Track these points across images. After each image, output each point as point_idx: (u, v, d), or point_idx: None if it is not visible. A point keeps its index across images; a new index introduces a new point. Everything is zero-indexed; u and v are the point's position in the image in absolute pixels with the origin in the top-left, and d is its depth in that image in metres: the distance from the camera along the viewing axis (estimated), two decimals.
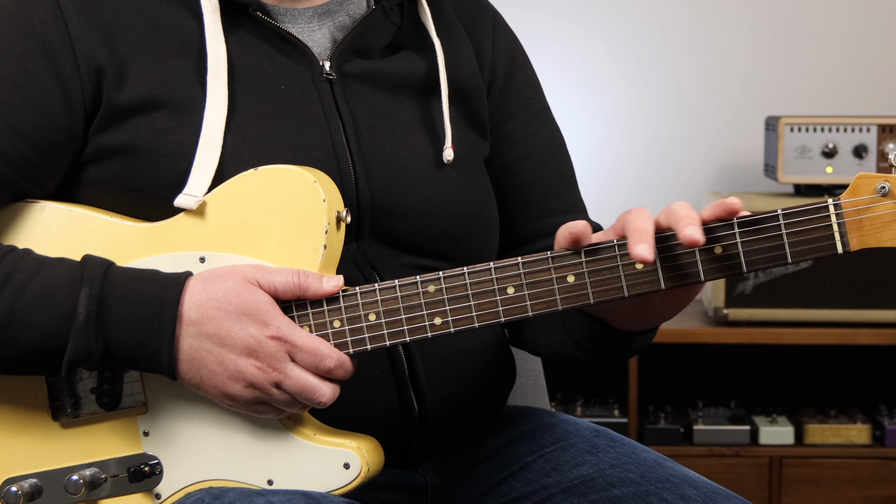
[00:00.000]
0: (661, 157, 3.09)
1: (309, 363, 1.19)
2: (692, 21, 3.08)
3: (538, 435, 1.42)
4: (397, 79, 1.37)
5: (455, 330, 1.20)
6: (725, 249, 1.16)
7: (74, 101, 1.27)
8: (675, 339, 2.68)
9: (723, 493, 1.30)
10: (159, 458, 1.26)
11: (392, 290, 1.21)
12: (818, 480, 2.68)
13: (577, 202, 1.49)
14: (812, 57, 3.08)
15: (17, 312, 1.20)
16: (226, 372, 1.19)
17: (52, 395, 1.27)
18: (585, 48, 3.09)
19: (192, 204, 1.24)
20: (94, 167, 1.29)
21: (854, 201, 1.14)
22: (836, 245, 1.14)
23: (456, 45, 1.43)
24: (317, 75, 1.33)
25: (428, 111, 1.39)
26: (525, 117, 1.47)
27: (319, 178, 1.23)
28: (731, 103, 3.08)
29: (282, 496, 1.20)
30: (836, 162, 2.69)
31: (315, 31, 1.36)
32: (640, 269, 1.17)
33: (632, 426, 2.70)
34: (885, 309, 2.65)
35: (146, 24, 1.29)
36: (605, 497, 1.32)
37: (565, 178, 1.49)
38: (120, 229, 1.26)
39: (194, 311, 1.19)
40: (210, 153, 1.25)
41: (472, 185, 1.39)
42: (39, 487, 1.27)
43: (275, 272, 1.20)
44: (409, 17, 1.42)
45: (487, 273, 1.20)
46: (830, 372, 2.97)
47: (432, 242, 1.34)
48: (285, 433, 1.23)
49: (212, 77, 1.28)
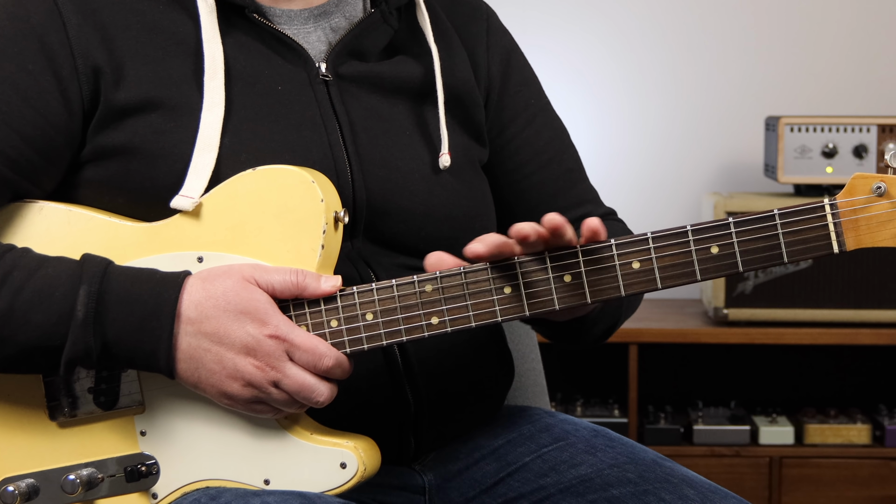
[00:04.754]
0: (661, 157, 3.09)
1: (307, 362, 1.19)
2: (692, 21, 3.08)
3: (536, 435, 1.42)
4: (393, 82, 1.38)
5: (452, 330, 1.21)
6: (722, 249, 1.16)
7: (73, 100, 1.27)
8: (675, 339, 2.69)
9: (721, 493, 1.30)
10: (156, 458, 1.26)
11: (389, 290, 1.21)
12: (818, 480, 2.67)
13: (587, 194, 1.49)
14: (812, 57, 3.08)
15: (15, 310, 1.20)
16: (224, 371, 1.19)
17: (49, 395, 1.27)
18: (585, 48, 3.09)
19: (189, 205, 1.24)
20: (91, 167, 1.29)
21: (850, 201, 1.14)
22: (832, 245, 1.15)
23: (452, 51, 1.43)
24: (313, 77, 1.34)
25: (423, 115, 1.39)
26: (526, 119, 1.47)
27: (317, 179, 1.23)
28: (730, 103, 3.08)
29: (277, 496, 1.20)
30: (836, 162, 2.69)
31: (310, 33, 1.37)
32: (636, 268, 1.18)
33: (632, 426, 2.70)
34: (885, 309, 2.65)
35: (143, 26, 1.30)
36: (603, 497, 1.32)
37: (572, 173, 1.49)
38: (118, 229, 1.26)
39: (193, 310, 1.19)
40: (207, 154, 1.26)
41: (467, 189, 1.39)
42: (36, 487, 1.27)
43: (273, 271, 1.21)
44: (406, 21, 1.42)
45: (484, 273, 1.20)
46: (830, 372, 2.97)
47: (427, 244, 1.34)
48: (282, 433, 1.23)
49: (208, 78, 1.28)
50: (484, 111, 1.45)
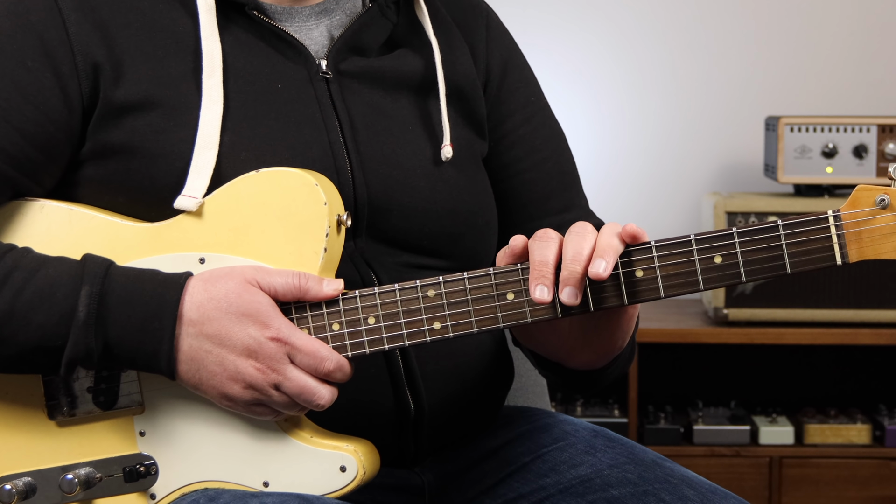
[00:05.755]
0: (661, 157, 3.09)
1: (308, 365, 1.19)
2: (692, 21, 3.07)
3: (536, 435, 1.42)
4: (394, 77, 1.37)
5: (454, 335, 1.20)
6: (725, 259, 1.16)
7: (72, 98, 1.27)
8: (675, 339, 2.69)
9: (721, 493, 1.30)
10: (155, 459, 1.26)
11: (392, 295, 1.21)
12: (818, 480, 2.68)
13: (577, 199, 1.49)
14: (812, 57, 3.08)
15: (16, 311, 1.20)
16: (225, 372, 1.19)
17: (48, 394, 1.27)
18: (585, 48, 3.08)
19: (192, 206, 1.24)
20: (91, 166, 1.29)
21: (854, 213, 1.15)
22: (835, 256, 1.15)
23: (452, 44, 1.43)
24: (313, 74, 1.33)
25: (425, 109, 1.39)
26: (523, 116, 1.47)
27: (321, 181, 1.23)
28: (730, 103, 3.08)
29: (276, 498, 1.19)
30: (836, 162, 2.69)
31: (313, 29, 1.36)
32: (639, 277, 1.17)
33: (632, 426, 2.70)
34: (885, 309, 2.65)
35: (143, 24, 1.29)
36: (602, 497, 1.32)
37: (565, 176, 1.48)
38: (120, 229, 1.26)
39: (195, 312, 1.19)
40: (207, 153, 1.25)
41: (469, 183, 1.39)
42: (34, 486, 1.27)
43: (275, 274, 1.20)
44: (405, 14, 1.42)
45: (487, 279, 1.20)
46: (830, 372, 2.97)
47: (430, 241, 1.34)
48: (282, 435, 1.23)
49: (207, 76, 1.28)
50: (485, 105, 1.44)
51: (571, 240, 1.16)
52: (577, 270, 1.14)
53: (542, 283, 1.14)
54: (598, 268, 1.13)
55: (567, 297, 1.14)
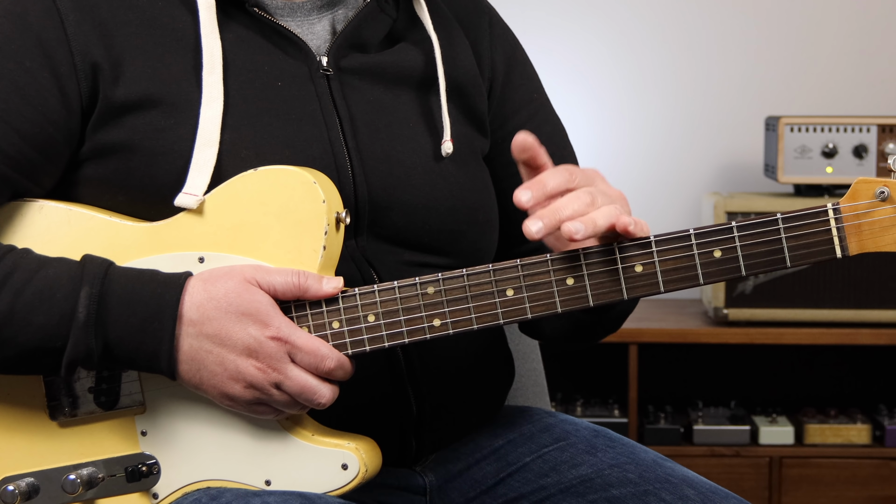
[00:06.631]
0: (661, 157, 3.09)
1: (309, 364, 1.19)
2: (692, 21, 3.07)
3: (537, 435, 1.42)
4: (395, 72, 1.37)
5: (454, 332, 1.21)
6: (725, 253, 1.16)
7: (71, 98, 1.27)
8: (675, 339, 2.69)
9: (721, 493, 1.30)
10: (157, 458, 1.26)
11: (391, 292, 1.21)
12: (818, 480, 2.67)
13: None
14: (812, 57, 3.08)
15: (16, 312, 1.20)
16: (225, 372, 1.19)
17: (49, 395, 1.27)
18: (585, 48, 3.08)
19: (193, 203, 1.23)
20: (91, 165, 1.28)
21: (853, 206, 1.15)
22: (835, 249, 1.15)
23: (452, 40, 1.43)
24: (314, 71, 1.33)
25: (426, 105, 1.39)
26: (527, 113, 1.47)
27: (319, 179, 1.23)
28: (730, 103, 3.08)
29: (278, 497, 1.19)
30: (836, 162, 2.69)
31: (315, 24, 1.36)
32: (639, 272, 1.18)
33: (632, 426, 2.70)
34: (885, 309, 2.65)
35: (142, 22, 1.29)
36: (603, 497, 1.32)
37: None
38: (119, 229, 1.26)
39: (194, 311, 1.19)
40: (208, 150, 1.25)
41: (470, 179, 1.39)
42: (36, 486, 1.27)
43: (274, 272, 1.20)
44: (404, 9, 1.42)
45: (487, 275, 1.20)
46: (830, 372, 2.97)
47: (431, 238, 1.34)
48: (283, 434, 1.23)
49: (207, 73, 1.27)
50: (487, 101, 1.44)
51: (579, 197, 1.17)
52: (555, 220, 1.15)
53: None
54: (570, 230, 1.14)
55: (531, 226, 1.14)
